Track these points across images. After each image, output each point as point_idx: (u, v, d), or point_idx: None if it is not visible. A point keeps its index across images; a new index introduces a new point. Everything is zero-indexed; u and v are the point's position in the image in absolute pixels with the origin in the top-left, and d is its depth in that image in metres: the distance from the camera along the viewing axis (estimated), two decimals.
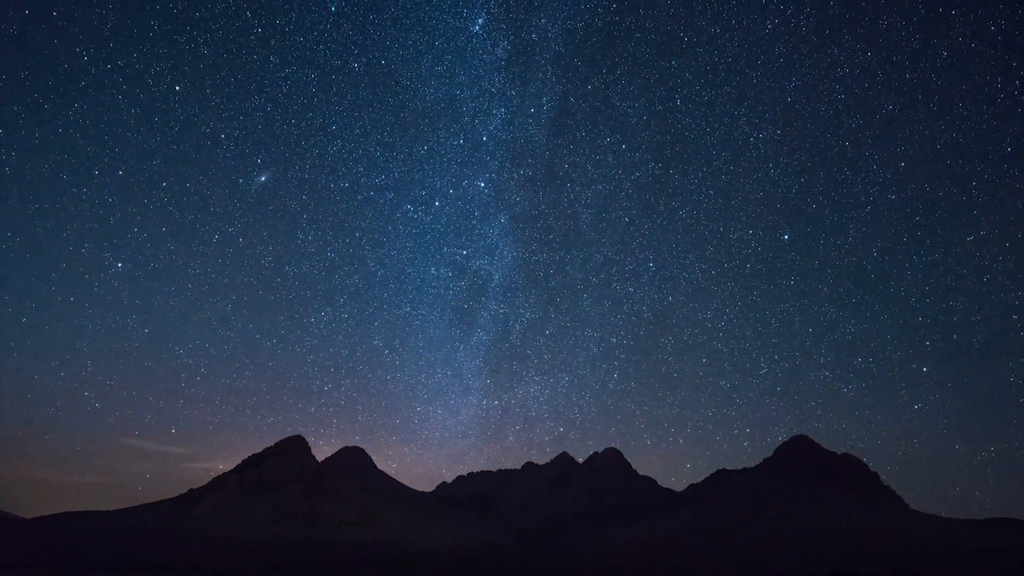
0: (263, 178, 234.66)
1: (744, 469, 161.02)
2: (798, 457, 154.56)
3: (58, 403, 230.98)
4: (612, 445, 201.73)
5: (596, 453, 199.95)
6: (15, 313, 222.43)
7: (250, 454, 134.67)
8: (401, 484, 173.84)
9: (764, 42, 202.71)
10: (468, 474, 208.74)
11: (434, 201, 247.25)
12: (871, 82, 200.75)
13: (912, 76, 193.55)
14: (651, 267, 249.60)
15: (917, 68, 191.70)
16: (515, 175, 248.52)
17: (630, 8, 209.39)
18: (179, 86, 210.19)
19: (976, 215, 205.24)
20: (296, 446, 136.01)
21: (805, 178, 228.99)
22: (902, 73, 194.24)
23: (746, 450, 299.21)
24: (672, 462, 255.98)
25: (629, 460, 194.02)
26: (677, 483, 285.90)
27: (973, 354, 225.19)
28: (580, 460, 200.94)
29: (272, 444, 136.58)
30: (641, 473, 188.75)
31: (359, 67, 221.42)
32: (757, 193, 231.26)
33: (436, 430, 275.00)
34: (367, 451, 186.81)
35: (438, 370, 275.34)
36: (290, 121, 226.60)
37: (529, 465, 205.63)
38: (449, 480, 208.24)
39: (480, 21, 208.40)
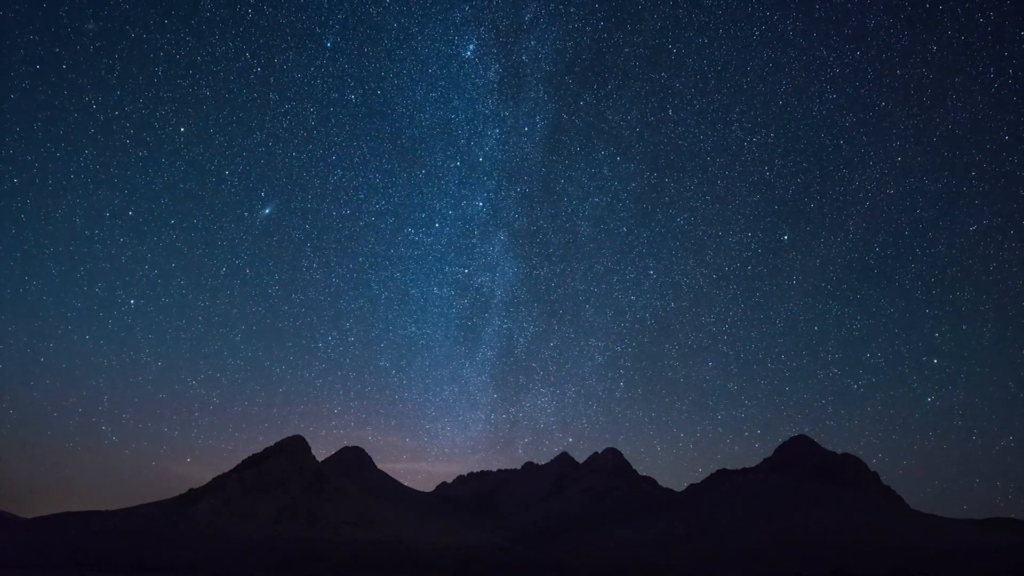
0: (267, 210, 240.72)
1: (744, 469, 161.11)
2: (798, 457, 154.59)
3: (76, 438, 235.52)
4: (612, 446, 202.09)
5: (596, 453, 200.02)
6: (34, 353, 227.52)
7: (250, 454, 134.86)
8: (401, 484, 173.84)
9: (752, 48, 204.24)
10: (468, 474, 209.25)
11: (434, 223, 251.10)
12: (862, 80, 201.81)
13: (903, 72, 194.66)
14: (652, 275, 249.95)
15: (908, 64, 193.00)
16: (512, 193, 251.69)
17: (618, 24, 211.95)
18: (184, 127, 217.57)
19: (977, 204, 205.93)
20: (296, 446, 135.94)
21: (801, 178, 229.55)
22: (893, 69, 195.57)
23: (757, 451, 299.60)
24: (673, 463, 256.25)
25: (629, 460, 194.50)
26: (677, 483, 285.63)
27: (984, 344, 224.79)
28: (580, 460, 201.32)
29: (272, 444, 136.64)
30: (641, 473, 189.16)
31: (356, 99, 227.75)
32: (754, 196, 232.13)
33: (446, 446, 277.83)
34: (368, 452, 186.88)
35: (445, 387, 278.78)
36: (291, 154, 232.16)
37: (529, 465, 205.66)
38: (449, 480, 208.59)
39: (471, 47, 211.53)
